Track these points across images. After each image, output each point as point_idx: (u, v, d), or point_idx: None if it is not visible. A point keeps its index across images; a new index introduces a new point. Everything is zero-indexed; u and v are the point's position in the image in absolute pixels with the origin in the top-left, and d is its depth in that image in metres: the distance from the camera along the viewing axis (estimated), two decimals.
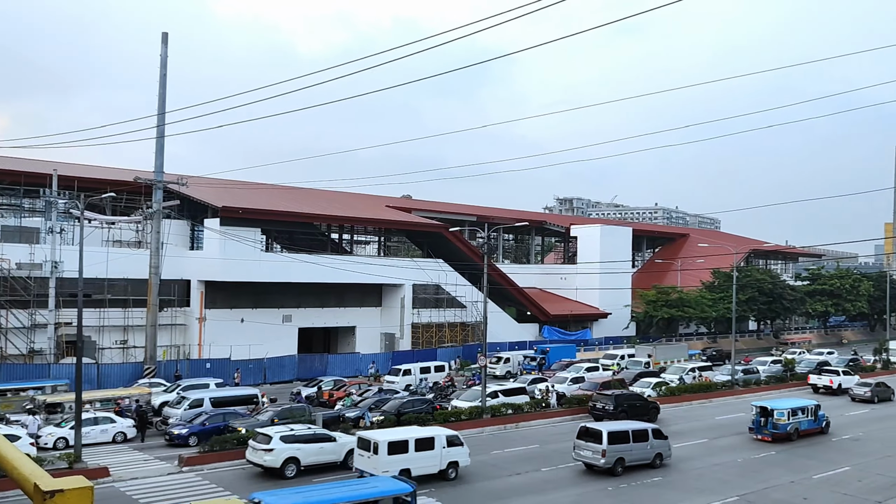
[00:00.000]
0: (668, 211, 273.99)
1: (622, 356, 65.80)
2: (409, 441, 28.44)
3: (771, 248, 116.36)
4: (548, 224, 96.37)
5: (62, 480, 1.89)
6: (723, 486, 29.02)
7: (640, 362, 62.49)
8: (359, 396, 44.37)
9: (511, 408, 41.74)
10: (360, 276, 62.75)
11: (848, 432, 40.41)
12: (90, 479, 2.29)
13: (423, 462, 28.40)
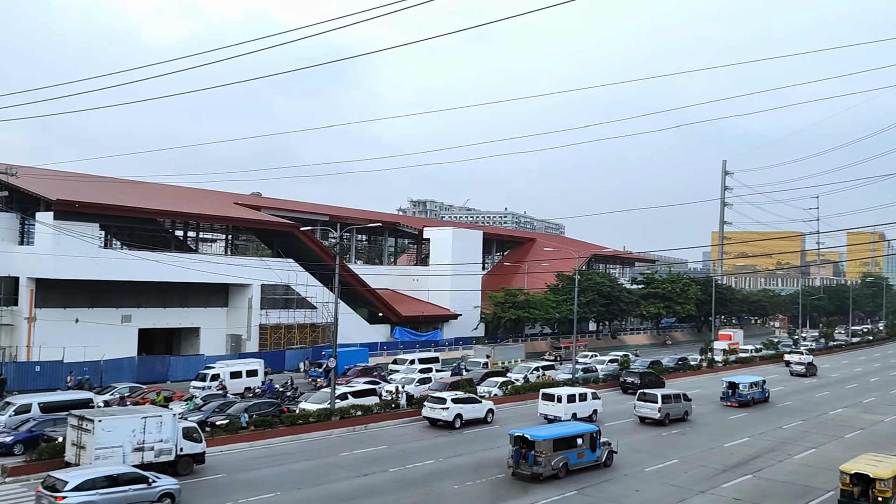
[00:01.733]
0: (516, 216, 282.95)
1: (412, 360, 61.46)
2: (576, 394, 43.74)
3: (610, 254, 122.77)
4: (401, 226, 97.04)
5: None
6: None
7: (479, 363, 63.65)
8: (202, 400, 42.90)
9: (360, 409, 41.76)
10: (205, 276, 60.74)
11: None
12: None
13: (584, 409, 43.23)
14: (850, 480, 25.59)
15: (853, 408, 52.21)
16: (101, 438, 27.68)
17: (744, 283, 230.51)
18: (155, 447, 28.98)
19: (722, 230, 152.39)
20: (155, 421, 29.26)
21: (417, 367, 59.03)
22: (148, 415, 29.60)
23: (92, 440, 27.59)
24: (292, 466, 31.57)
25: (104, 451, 27.65)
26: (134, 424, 28.72)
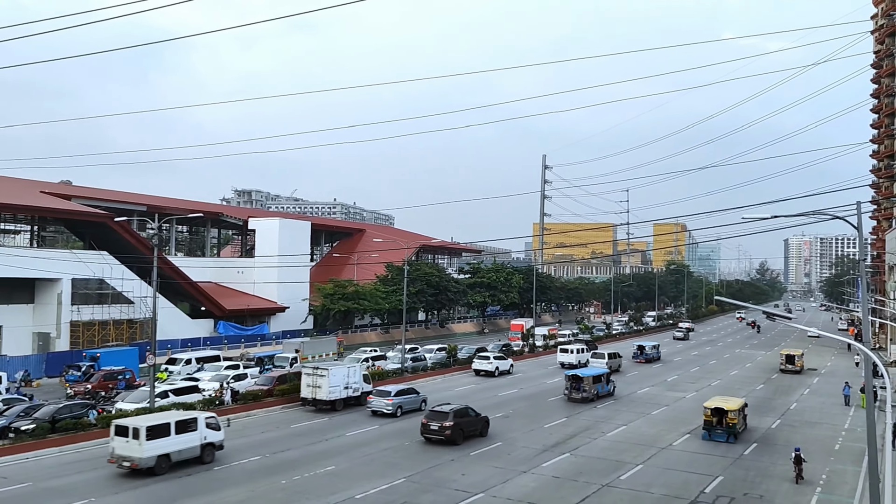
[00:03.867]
0: (346, 206, 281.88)
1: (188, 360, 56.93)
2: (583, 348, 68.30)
3: (438, 244, 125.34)
4: (224, 216, 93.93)
5: None
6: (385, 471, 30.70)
7: (287, 358, 60.36)
8: (2, 404, 39.57)
9: (182, 407, 40.17)
10: (7, 270, 56.11)
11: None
12: None
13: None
14: (710, 413, 37.15)
15: (658, 386, 56.63)
16: (332, 380, 43.96)
17: (562, 271, 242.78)
18: (352, 387, 45.57)
19: (542, 221, 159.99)
20: (353, 370, 46.33)
21: (194, 367, 56.04)
22: (349, 365, 47.37)
23: (326, 382, 43.82)
24: (105, 471, 29.84)
25: (333, 388, 44.01)
26: (345, 372, 45.44)
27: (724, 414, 36.78)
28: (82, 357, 55.99)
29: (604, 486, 28.53)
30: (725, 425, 36.65)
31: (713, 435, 36.88)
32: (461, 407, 37.26)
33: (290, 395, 46.38)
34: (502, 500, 26.67)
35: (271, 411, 43.95)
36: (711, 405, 37.34)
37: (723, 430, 36.79)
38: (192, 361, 57.13)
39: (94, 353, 56.03)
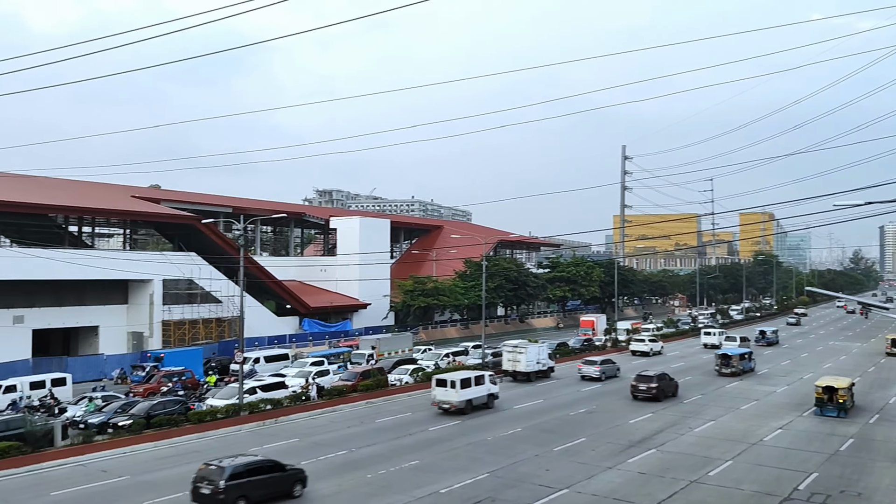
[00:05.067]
0: (424, 204, 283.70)
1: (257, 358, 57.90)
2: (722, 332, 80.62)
3: (516, 239, 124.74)
4: (307, 216, 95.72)
5: None
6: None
7: (364, 354, 61.26)
8: (103, 400, 41.32)
9: (270, 403, 41.14)
10: (102, 272, 58.42)
11: None
12: None
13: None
14: (822, 391, 40.66)
15: (786, 364, 55.24)
16: (528, 357, 54.18)
17: (645, 264, 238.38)
18: (542, 362, 55.86)
19: (623, 213, 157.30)
20: (542, 349, 57.32)
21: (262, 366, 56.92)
22: (539, 345, 58.05)
23: (524, 357, 54.01)
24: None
25: (529, 362, 54.08)
26: (537, 350, 56.04)
27: (834, 391, 40.46)
28: (147, 357, 57.33)
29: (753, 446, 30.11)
30: (836, 402, 40.31)
31: (824, 411, 40.51)
32: (661, 372, 48.06)
33: (373, 391, 46.93)
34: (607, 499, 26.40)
35: (356, 406, 44.50)
36: (822, 384, 41.12)
37: (833, 407, 40.34)
38: (261, 360, 58.17)
39: (159, 353, 57.27)
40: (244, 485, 24.49)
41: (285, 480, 26.07)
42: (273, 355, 60.14)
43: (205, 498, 24.23)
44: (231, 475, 24.25)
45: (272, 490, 25.42)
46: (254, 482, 24.85)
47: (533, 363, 54.54)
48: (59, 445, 32.36)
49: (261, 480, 25.09)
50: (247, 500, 24.49)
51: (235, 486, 24.15)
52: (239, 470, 24.67)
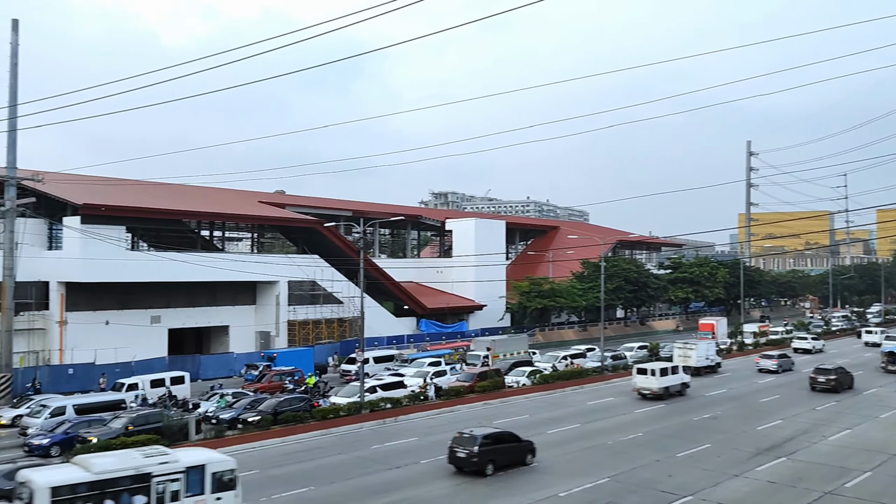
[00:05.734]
0: (539, 204, 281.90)
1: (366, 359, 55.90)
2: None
3: (635, 239, 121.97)
4: (423, 218, 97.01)
5: None
6: (594, 467, 30.25)
7: (479, 356, 61.32)
8: (233, 397, 43.21)
9: (390, 402, 41.85)
10: (232, 274, 61.12)
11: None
12: None
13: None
14: None
15: None
16: (698, 353, 58.30)
17: (772, 264, 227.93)
18: (710, 358, 60.02)
19: (748, 212, 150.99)
20: (710, 346, 61.71)
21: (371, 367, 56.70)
22: (707, 342, 62.73)
23: (694, 354, 58.07)
24: (324, 461, 31.70)
25: (699, 358, 58.13)
26: (705, 347, 60.26)
27: None
28: (261, 357, 58.92)
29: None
30: None
31: None
32: (838, 366, 51.82)
33: (490, 392, 46.97)
34: None
35: (474, 407, 44.63)
36: None
37: None
38: (371, 361, 58.52)
39: (271, 353, 58.92)
40: (492, 451, 29.32)
41: (521, 450, 30.78)
42: (382, 356, 61.51)
43: (461, 460, 29.31)
44: (482, 442, 29.11)
45: (511, 457, 30.19)
46: (498, 449, 29.76)
47: (703, 359, 58.85)
48: (193, 439, 34.05)
49: (503, 448, 30.02)
50: (493, 465, 29.28)
51: (485, 451, 29.07)
52: (487, 438, 29.57)
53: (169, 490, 21.36)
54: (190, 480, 21.86)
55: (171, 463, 21.83)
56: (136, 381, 46.31)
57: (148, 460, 21.62)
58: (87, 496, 19.88)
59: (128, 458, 21.89)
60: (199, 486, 22.03)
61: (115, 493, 20.36)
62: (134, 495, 20.68)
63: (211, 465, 22.61)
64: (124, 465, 21.12)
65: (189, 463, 22.19)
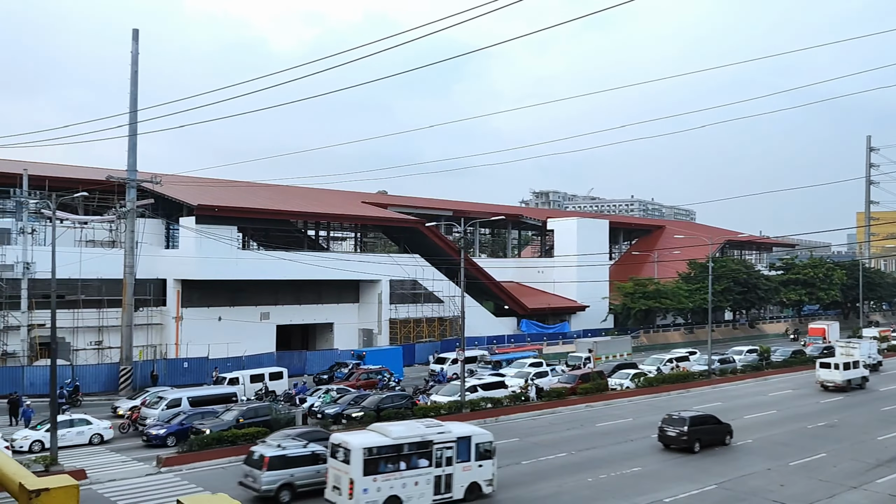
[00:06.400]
0: (643, 203, 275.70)
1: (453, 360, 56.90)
2: None
3: (745, 239, 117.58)
4: (524, 218, 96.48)
5: (48, 479, 1.87)
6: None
7: (580, 357, 60.46)
8: (338, 393, 44.18)
9: (490, 402, 41.83)
10: (337, 273, 62.50)
11: None
12: None
13: None
14: None
15: None
16: (860, 351, 58.53)
17: (894, 265, 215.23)
18: (872, 356, 60.99)
19: (868, 210, 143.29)
20: (872, 345, 63.90)
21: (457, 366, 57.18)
22: (869, 342, 65.13)
23: (857, 352, 57.79)
24: None
25: (861, 356, 56.89)
26: (868, 346, 62.09)
27: None
28: (350, 356, 59.34)
29: None
30: None
31: None
32: None
33: (592, 395, 46.29)
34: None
35: (576, 409, 44.08)
36: None
37: None
38: (449, 362, 58.44)
39: (360, 351, 59.38)
40: (698, 430, 33.27)
41: (721, 431, 34.58)
42: (469, 357, 60.99)
43: (671, 439, 33.31)
44: (690, 423, 33.06)
45: (713, 437, 34.01)
46: (703, 429, 33.61)
47: (865, 356, 58.96)
48: None
49: (707, 428, 33.89)
50: (700, 443, 33.03)
51: (693, 430, 32.98)
52: (694, 419, 33.50)
53: (445, 456, 25.35)
54: (459, 449, 25.75)
55: (446, 433, 25.84)
56: (236, 375, 48.04)
57: (429, 430, 25.90)
58: (387, 456, 24.29)
59: (414, 427, 26.28)
60: (467, 453, 25.87)
61: (406, 455, 24.63)
62: (419, 458, 24.85)
63: (475, 437, 26.48)
64: (412, 433, 25.41)
65: (459, 434, 26.13)
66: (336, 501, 24.13)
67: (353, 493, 23.30)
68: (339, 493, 23.91)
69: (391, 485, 23.85)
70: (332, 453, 24.91)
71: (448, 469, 25.25)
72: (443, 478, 25.05)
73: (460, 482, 25.50)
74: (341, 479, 23.76)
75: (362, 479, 23.32)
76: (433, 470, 24.84)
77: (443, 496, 24.97)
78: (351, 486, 23.37)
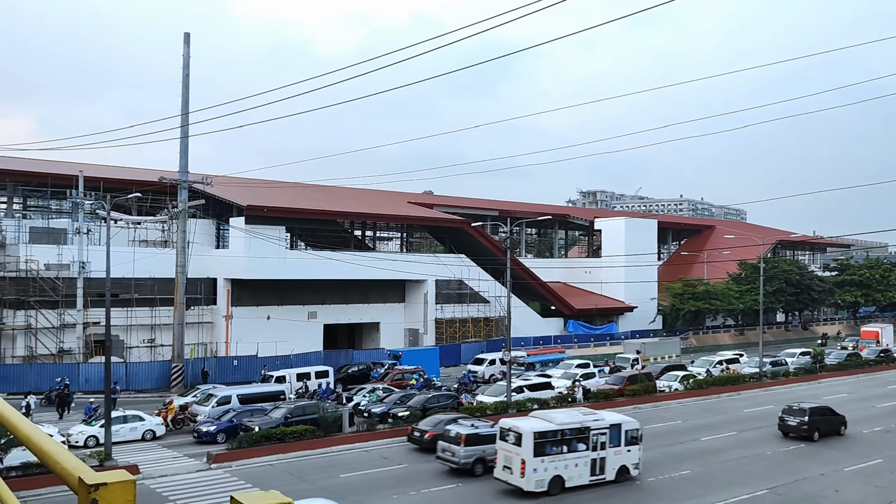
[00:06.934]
0: (693, 202, 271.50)
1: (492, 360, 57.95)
2: None
3: (798, 239, 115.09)
4: (571, 217, 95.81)
5: (105, 474, 1.88)
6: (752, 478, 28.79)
7: (628, 359, 59.84)
8: (383, 392, 44.40)
9: (536, 402, 41.61)
10: (383, 273, 62.83)
11: None
12: None
13: None
14: None
15: None
16: None
17: None
18: None
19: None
20: None
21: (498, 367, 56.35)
22: None
23: None
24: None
25: None
26: None
27: None
28: (387, 355, 59.21)
29: None
30: None
31: None
32: None
33: (640, 397, 45.75)
34: None
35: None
36: None
37: None
38: (496, 362, 57.96)
39: (396, 351, 59.15)
40: (816, 421, 35.68)
41: (837, 422, 37.00)
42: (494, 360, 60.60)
43: (791, 428, 35.88)
44: (810, 413, 35.74)
45: (831, 427, 36.47)
46: (822, 420, 36.08)
47: None
48: (347, 431, 35.23)
49: (825, 419, 36.38)
50: (819, 433, 35.52)
51: (813, 420, 35.43)
52: (814, 410, 36.09)
53: (599, 441, 27.79)
54: (612, 434, 28.20)
55: (601, 421, 28.44)
56: (283, 373, 48.60)
57: (586, 417, 28.56)
58: (552, 440, 26.79)
59: (573, 415, 28.91)
60: (618, 439, 28.29)
61: (567, 439, 27.10)
62: (578, 443, 27.33)
63: (625, 424, 28.94)
64: (573, 419, 28.08)
65: (611, 422, 28.74)
66: (507, 480, 26.63)
67: (524, 472, 25.83)
68: (509, 472, 26.41)
69: (556, 466, 26.41)
70: (501, 437, 27.28)
71: (602, 453, 27.72)
72: (597, 461, 27.52)
73: (612, 465, 27.98)
74: (512, 459, 26.24)
75: (533, 460, 25.82)
76: (590, 453, 27.33)
77: (597, 477, 27.41)
78: (523, 465, 25.91)
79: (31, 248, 52.46)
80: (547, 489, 26.19)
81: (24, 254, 51.79)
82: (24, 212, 63.20)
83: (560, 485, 26.53)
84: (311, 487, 26.96)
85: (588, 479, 27.16)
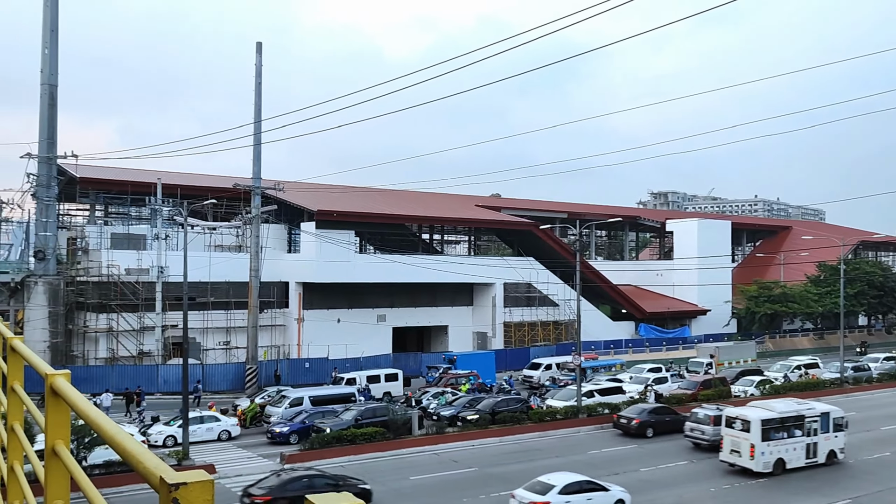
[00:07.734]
0: (768, 203, 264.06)
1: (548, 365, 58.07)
2: None
3: (881, 240, 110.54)
4: (642, 219, 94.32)
5: (185, 474, 1.92)
6: None
7: (702, 363, 58.71)
8: (452, 395, 44.52)
9: (608, 407, 41.05)
10: (451, 276, 62.97)
11: None
12: None
13: None
14: None
15: None
16: None
17: None
18: None
19: None
20: None
21: (554, 372, 56.34)
22: None
23: None
24: (542, 462, 31.67)
25: None
26: None
27: None
28: (442, 359, 58.58)
29: None
30: None
31: None
32: None
33: (714, 401, 44.56)
34: None
35: None
36: None
37: None
38: (553, 367, 57.77)
39: (452, 355, 58.66)
40: None
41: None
42: (560, 362, 60.04)
43: None
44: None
45: None
46: None
47: None
48: (416, 434, 35.42)
49: None
50: None
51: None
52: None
53: (812, 427, 30.92)
54: (822, 422, 31.26)
55: (813, 410, 31.67)
56: (353, 375, 49.23)
57: (801, 406, 32.08)
58: (774, 427, 29.99)
59: (790, 404, 32.40)
60: (826, 426, 31.37)
61: (787, 426, 30.35)
62: (795, 429, 30.56)
63: (832, 412, 31.91)
64: (790, 409, 31.49)
65: (822, 410, 31.83)
66: (735, 462, 30.02)
67: (753, 455, 29.19)
68: (737, 455, 29.80)
69: (779, 449, 29.67)
70: (727, 424, 30.76)
71: (814, 438, 30.89)
72: (811, 445, 30.72)
73: (823, 449, 31.17)
74: (741, 444, 29.57)
75: (760, 444, 29.11)
76: (805, 439, 30.54)
77: (811, 460, 30.65)
78: (752, 449, 29.27)
79: (113, 253, 54.42)
80: (771, 470, 29.39)
81: (106, 259, 53.73)
82: (105, 219, 65.68)
83: (782, 466, 29.76)
84: (383, 489, 27.18)
85: (804, 462, 30.30)
